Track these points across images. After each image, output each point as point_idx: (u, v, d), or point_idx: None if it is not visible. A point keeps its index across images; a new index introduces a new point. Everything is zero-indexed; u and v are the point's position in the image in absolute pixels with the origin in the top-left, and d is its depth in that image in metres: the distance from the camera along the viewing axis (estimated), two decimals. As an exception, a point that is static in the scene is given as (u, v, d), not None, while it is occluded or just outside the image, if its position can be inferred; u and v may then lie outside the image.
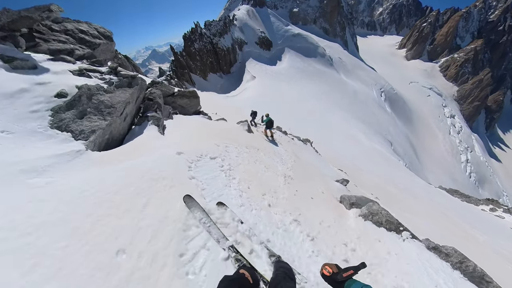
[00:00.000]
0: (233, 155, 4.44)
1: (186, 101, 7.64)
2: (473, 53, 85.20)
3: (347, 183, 6.61)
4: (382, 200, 7.81)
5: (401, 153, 44.88)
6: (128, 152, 3.44)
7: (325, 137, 22.20)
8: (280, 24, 66.44)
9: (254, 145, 5.74)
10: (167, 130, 4.93)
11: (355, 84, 58.58)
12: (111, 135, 3.77)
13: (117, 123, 3.88)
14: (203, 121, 6.81)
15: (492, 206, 23.48)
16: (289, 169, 4.95)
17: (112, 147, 3.73)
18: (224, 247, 2.04)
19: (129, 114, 4.34)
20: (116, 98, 3.87)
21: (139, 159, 3.15)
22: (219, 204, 2.69)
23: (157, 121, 4.61)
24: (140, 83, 4.74)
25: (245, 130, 7.09)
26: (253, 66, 53.32)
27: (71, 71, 3.94)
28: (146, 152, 3.50)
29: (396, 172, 22.78)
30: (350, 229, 3.28)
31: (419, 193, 15.41)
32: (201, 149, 3.97)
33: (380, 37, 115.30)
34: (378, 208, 3.50)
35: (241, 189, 3.26)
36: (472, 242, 8.00)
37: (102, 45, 5.09)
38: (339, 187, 5.45)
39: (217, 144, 4.56)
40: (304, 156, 7.65)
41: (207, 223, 2.19)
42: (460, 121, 75.03)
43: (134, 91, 4.34)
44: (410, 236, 3.07)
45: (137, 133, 4.23)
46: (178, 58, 47.26)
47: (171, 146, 3.79)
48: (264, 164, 4.69)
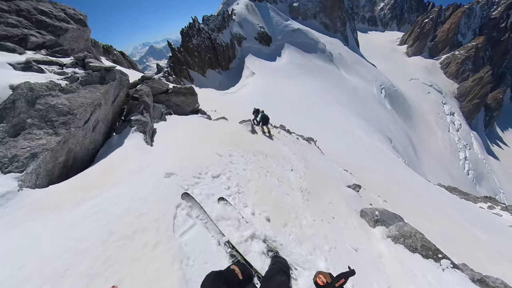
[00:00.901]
0: (240, 167, 3.67)
1: (182, 99, 7.25)
2: (474, 50, 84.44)
3: (359, 188, 6.30)
4: (389, 201, 7.66)
5: (401, 150, 44.86)
6: (94, 180, 2.43)
7: (325, 134, 21.94)
8: (279, 19, 65.26)
9: (261, 150, 5.06)
10: (158, 136, 4.03)
11: (355, 80, 58.04)
12: (70, 155, 2.70)
13: (79, 136, 2.76)
14: (202, 122, 6.17)
15: (490, 203, 23.68)
16: (302, 179, 4.37)
17: (75, 171, 2.67)
18: (220, 242, 2.07)
19: (102, 120, 3.29)
20: (78, 99, 2.76)
21: (109, 194, 2.21)
22: (220, 199, 2.67)
23: (143, 127, 3.64)
24: (119, 77, 3.73)
25: (249, 131, 6.64)
26: (252, 62, 52.53)
27: (12, 64, 2.78)
28: (124, 176, 2.55)
29: (396, 169, 22.71)
30: (383, 257, 2.78)
31: (421, 191, 15.34)
32: (200, 163, 3.15)
33: (381, 33, 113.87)
34: (410, 229, 3.02)
35: (258, 224, 2.47)
36: (477, 243, 7.89)
37: (71, 31, 3.82)
38: (352, 194, 5.16)
39: (219, 154, 3.77)
40: (312, 158, 7.28)
41: (204, 219, 2.24)
42: (459, 119, 74.97)
43: (109, 89, 3.30)
44: (451, 265, 2.60)
45: (115, 145, 3.21)
46: (176, 54, 46.38)
47: (159, 163, 2.89)
48: (276, 176, 3.95)
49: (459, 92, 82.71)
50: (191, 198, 2.47)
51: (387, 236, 3.06)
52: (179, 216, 2.22)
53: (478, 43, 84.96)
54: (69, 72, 3.11)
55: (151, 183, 2.50)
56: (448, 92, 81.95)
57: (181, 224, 2.15)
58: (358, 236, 3.05)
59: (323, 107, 37.78)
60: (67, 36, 3.78)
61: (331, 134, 24.61)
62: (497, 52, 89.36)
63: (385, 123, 48.82)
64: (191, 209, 2.39)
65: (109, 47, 32.14)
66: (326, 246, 2.60)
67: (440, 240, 4.71)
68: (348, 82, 55.83)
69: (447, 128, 70.76)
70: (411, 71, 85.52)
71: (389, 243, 2.93)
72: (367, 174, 12.13)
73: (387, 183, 12.49)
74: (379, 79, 65.02)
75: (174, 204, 2.32)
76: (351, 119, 38.19)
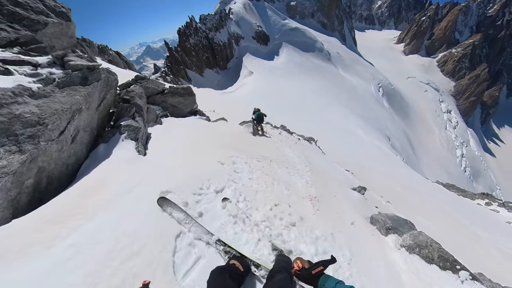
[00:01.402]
0: (245, 176, 3.30)
1: (179, 100, 7.02)
2: (471, 48, 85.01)
3: (364, 191, 6.12)
4: (392, 201, 7.58)
5: (399, 148, 45.05)
6: (71, 207, 1.97)
7: (326, 133, 21.84)
8: (277, 18, 65.00)
9: (265, 155, 4.69)
10: (152, 142, 3.58)
11: (353, 79, 58.12)
12: (42, 176, 2.22)
13: (53, 151, 2.26)
14: (201, 125, 5.85)
15: (487, 200, 23.95)
16: (309, 185, 4.05)
17: (52, 194, 2.21)
18: (210, 242, 1.96)
19: (84, 128, 2.77)
20: (51, 106, 2.25)
21: (89, 226, 1.78)
22: (224, 199, 2.55)
23: (135, 133, 3.17)
24: (105, 77, 3.27)
25: (250, 133, 6.42)
26: (250, 61, 52.28)
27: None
28: (109, 198, 2.10)
29: (396, 168, 22.72)
30: (398, 268, 2.59)
31: (420, 189, 15.34)
32: (201, 175, 2.75)
33: (378, 31, 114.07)
34: (426, 239, 2.84)
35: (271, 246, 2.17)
36: (478, 241, 7.87)
37: (51, 26, 3.23)
38: (358, 197, 4.98)
39: (221, 162, 3.37)
40: (315, 160, 7.08)
41: (189, 222, 2.07)
42: (456, 116, 75.57)
43: (92, 91, 2.82)
44: (469, 276, 2.44)
45: (101, 157, 2.71)
46: (173, 54, 45.98)
47: (153, 178, 2.48)
48: (284, 183, 3.61)
49: (455, 90, 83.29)
50: (169, 203, 2.22)
51: (401, 245, 2.89)
52: (179, 250, 1.83)
53: (475, 40, 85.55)
54: (44, 73, 2.55)
55: (142, 208, 2.06)
56: (445, 90, 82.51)
57: (182, 261, 1.77)
58: (371, 246, 2.86)
59: (322, 106, 37.73)
60: (47, 31, 3.21)
61: (331, 133, 24.54)
62: (493, 49, 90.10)
63: (383, 122, 49.00)
64: (173, 214, 2.15)
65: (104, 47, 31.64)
66: (345, 262, 2.39)
67: (448, 243, 4.59)
68: (346, 81, 55.88)
69: (444, 125, 71.31)
70: (408, 69, 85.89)
71: (404, 253, 2.75)
72: (368, 173, 12.03)
73: (388, 182, 12.41)
74: (377, 78, 65.21)
75: (172, 234, 1.92)
76: (350, 118, 38.21)
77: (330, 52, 62.65)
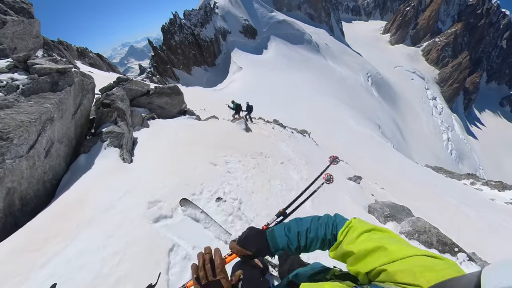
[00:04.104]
0: (240, 176, 3.13)
1: (166, 100, 6.71)
2: (453, 36, 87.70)
3: (360, 180, 6.16)
4: (386, 188, 7.74)
5: (389, 135, 46.40)
6: (49, 230, 1.74)
7: (317, 125, 21.98)
8: (264, 11, 63.89)
9: (260, 151, 4.52)
10: (139, 147, 3.36)
11: (342, 70, 58.64)
12: (14, 198, 1.96)
13: (23, 169, 1.99)
14: (190, 125, 5.52)
15: (472, 180, 25.50)
16: (307, 180, 4.05)
17: (28, 216, 1.97)
18: (228, 241, 2.01)
19: (59, 139, 2.45)
20: (15, 118, 1.94)
21: (70, 251, 1.58)
22: (218, 199, 2.53)
23: (118, 139, 2.88)
24: (79, 81, 2.92)
25: (243, 129, 6.20)
26: (238, 56, 51.38)
27: None
28: (93, 215, 1.90)
29: (387, 155, 23.37)
30: None
31: (411, 174, 15.90)
32: (192, 179, 2.58)
33: (364, 22, 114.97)
34: (424, 224, 2.90)
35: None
36: (468, 220, 8.28)
37: (11, 25, 2.84)
38: (354, 187, 4.99)
39: (213, 163, 3.18)
40: (309, 153, 7.04)
41: (209, 222, 2.11)
42: (441, 103, 78.58)
43: (64, 97, 2.48)
44: (467, 258, 2.57)
45: (82, 169, 2.46)
46: (158, 53, 44.37)
47: (140, 188, 2.30)
48: (279, 179, 3.48)
49: (440, 78, 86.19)
50: (190, 203, 2.23)
51: (400, 232, 2.93)
52: (174, 266, 1.65)
53: (456, 29, 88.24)
54: (4, 79, 2.19)
55: (130, 222, 1.85)
56: (430, 78, 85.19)
57: (178, 278, 1.59)
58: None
59: (313, 98, 37.91)
60: (6, 32, 2.80)
61: (323, 124, 24.73)
62: (474, 37, 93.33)
63: (374, 111, 50.06)
64: (188, 213, 2.15)
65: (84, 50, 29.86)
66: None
67: (446, 226, 4.71)
68: (335, 71, 56.29)
69: (430, 112, 74.05)
70: (395, 59, 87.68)
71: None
72: (361, 162, 12.24)
73: (380, 169, 12.73)
74: (365, 68, 66.14)
75: (165, 248, 1.71)
76: (341, 108, 38.70)
77: (318, 44, 62.63)
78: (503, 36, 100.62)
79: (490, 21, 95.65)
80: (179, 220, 2.07)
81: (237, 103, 10.88)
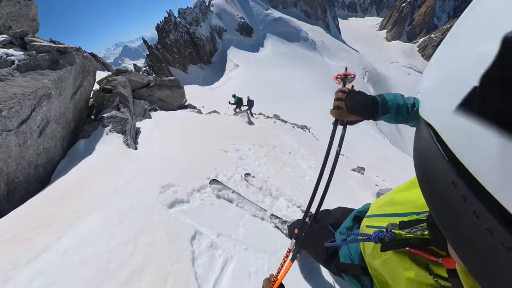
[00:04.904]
0: (252, 163, 2.99)
1: (167, 93, 6.47)
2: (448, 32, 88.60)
3: (364, 171, 6.04)
4: (387, 180, 7.70)
5: (386, 131, 46.70)
6: (41, 218, 1.43)
7: (315, 120, 21.87)
8: (260, 9, 63.48)
9: (267, 141, 4.41)
10: (143, 136, 3.12)
11: (339, 67, 58.76)
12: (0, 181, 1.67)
13: (12, 146, 1.68)
14: (194, 116, 5.34)
15: None
16: (316, 169, 3.94)
17: (15, 204, 1.62)
18: (265, 217, 1.97)
19: (56, 119, 2.18)
20: (7, 90, 1.72)
21: (67, 243, 1.28)
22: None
23: (121, 125, 2.62)
24: (81, 62, 2.69)
25: (246, 122, 6.05)
26: (235, 54, 51.00)
27: None
28: (96, 202, 1.61)
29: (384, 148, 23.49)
30: None
31: (408, 167, 16.04)
32: (205, 164, 2.41)
33: (361, 18, 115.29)
34: None
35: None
36: None
37: (6, 5, 2.66)
38: (359, 177, 4.87)
39: (224, 150, 3.01)
40: (310, 145, 6.93)
41: (242, 201, 2.07)
42: (437, 98, 79.52)
43: (64, 75, 2.25)
44: None
45: (82, 155, 2.21)
46: (153, 52, 43.73)
47: (149, 171, 2.06)
48: (290, 166, 3.43)
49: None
50: (220, 184, 2.16)
51: None
52: (199, 257, 1.43)
53: (452, 25, 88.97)
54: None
55: (142, 207, 1.61)
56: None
57: (206, 270, 1.38)
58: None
59: (310, 94, 37.87)
60: (1, 11, 2.60)
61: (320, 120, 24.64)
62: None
63: (371, 107, 50.28)
64: (220, 193, 2.08)
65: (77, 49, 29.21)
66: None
67: None
68: (332, 68, 56.37)
69: (426, 107, 74.93)
70: (392, 55, 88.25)
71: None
72: (360, 156, 12.22)
73: (380, 163, 12.76)
74: (362, 64, 66.40)
75: (186, 237, 1.50)
76: (339, 106, 38.72)
77: (315, 41, 62.57)
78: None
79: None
80: (197, 205, 1.86)
81: (239, 97, 10.79)
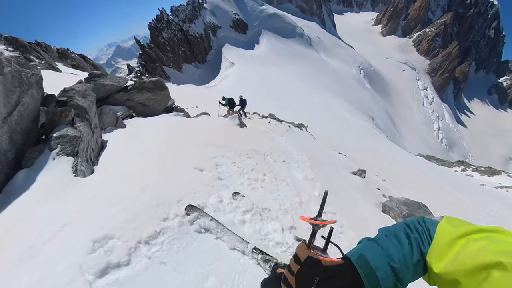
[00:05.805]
0: (233, 182, 2.55)
1: (149, 96, 6.01)
2: (443, 26, 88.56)
3: (365, 174, 5.71)
4: (387, 179, 7.50)
5: (382, 126, 46.89)
6: None
7: (312, 118, 21.64)
8: (254, 4, 62.32)
9: (257, 149, 3.90)
10: (106, 154, 2.65)
11: (335, 63, 58.40)
12: None
13: None
14: (176, 122, 4.75)
15: (463, 167, 26.24)
16: (314, 180, 3.49)
17: None
18: (246, 251, 1.73)
19: None
20: None
21: None
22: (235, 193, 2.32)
23: (72, 146, 2.22)
24: (12, 71, 2.13)
25: (237, 125, 5.49)
26: (230, 52, 50.13)
27: None
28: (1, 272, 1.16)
29: (382, 145, 23.46)
30: None
31: (405, 163, 15.97)
32: (167, 194, 1.93)
33: (356, 13, 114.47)
34: None
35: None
36: (462, 205, 8.27)
37: None
38: (360, 182, 4.56)
39: (199, 169, 2.52)
40: (309, 147, 6.63)
41: (221, 231, 1.81)
42: (432, 93, 79.90)
43: None
44: None
45: (18, 190, 1.82)
46: (146, 51, 42.67)
47: (88, 214, 1.59)
48: (282, 179, 2.97)
49: (430, 68, 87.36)
50: (198, 210, 1.91)
51: None
52: None
53: (446, 19, 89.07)
54: None
55: (53, 286, 1.11)
56: (420, 68, 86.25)
57: None
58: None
59: (307, 91, 37.55)
60: None
61: (317, 117, 24.46)
62: (463, 27, 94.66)
63: (367, 103, 50.29)
64: (203, 224, 1.82)
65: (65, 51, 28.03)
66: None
67: (434, 207, 4.53)
68: (328, 65, 55.98)
69: (421, 102, 75.31)
70: (387, 50, 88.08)
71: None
72: (358, 154, 12.04)
73: (377, 160, 12.60)
74: (358, 60, 66.11)
75: None
76: (335, 101, 38.58)
77: (310, 37, 61.89)
78: (491, 26, 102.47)
79: (479, 10, 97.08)
80: (140, 268, 1.30)
81: (229, 98, 10.38)
